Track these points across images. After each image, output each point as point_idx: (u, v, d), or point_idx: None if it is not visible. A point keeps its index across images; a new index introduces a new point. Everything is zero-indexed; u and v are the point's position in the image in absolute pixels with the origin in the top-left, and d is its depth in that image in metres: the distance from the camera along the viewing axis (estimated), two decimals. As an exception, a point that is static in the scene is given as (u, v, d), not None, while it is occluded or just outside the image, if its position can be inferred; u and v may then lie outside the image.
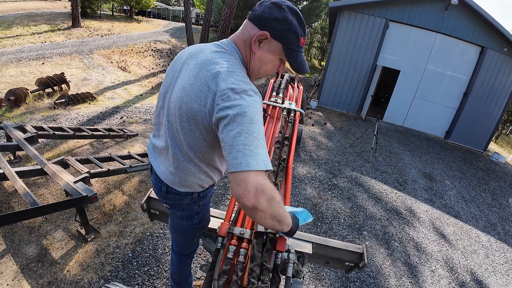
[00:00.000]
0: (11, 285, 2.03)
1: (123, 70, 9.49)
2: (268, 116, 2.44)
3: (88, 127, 4.04)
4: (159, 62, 11.50)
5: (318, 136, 6.82)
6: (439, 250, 3.62)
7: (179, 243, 1.46)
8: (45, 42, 10.43)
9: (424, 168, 6.43)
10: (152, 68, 10.61)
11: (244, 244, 1.18)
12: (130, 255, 2.42)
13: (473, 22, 8.24)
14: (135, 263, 2.35)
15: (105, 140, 4.38)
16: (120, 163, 3.31)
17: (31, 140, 3.19)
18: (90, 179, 2.75)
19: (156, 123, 1.15)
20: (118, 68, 9.52)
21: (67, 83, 6.45)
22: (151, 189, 1.68)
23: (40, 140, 3.70)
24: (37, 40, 10.53)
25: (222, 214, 1.66)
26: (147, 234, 2.68)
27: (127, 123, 5.28)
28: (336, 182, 4.68)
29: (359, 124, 8.65)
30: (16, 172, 2.50)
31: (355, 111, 9.70)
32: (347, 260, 1.63)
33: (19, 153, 3.48)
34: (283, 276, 1.12)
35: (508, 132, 24.66)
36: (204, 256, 2.55)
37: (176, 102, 0.95)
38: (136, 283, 2.18)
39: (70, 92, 6.29)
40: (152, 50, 12.83)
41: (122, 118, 5.48)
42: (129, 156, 3.62)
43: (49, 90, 6.12)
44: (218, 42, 1.01)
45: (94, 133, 3.93)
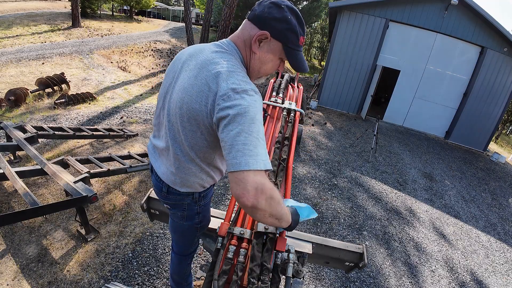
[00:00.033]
0: (11, 285, 2.03)
1: (123, 70, 9.49)
2: (268, 116, 2.44)
3: (88, 127, 4.04)
4: (159, 62, 11.50)
5: (318, 136, 6.82)
6: (439, 250, 3.62)
7: (179, 243, 1.46)
8: (45, 42, 10.43)
9: (424, 168, 6.43)
10: (152, 68, 10.61)
11: (244, 244, 1.18)
12: (130, 255, 2.42)
13: (473, 22, 8.24)
14: (135, 263, 2.35)
15: (105, 140, 4.38)
16: (120, 163, 3.31)
17: (31, 140, 3.19)
18: (90, 179, 2.75)
19: (156, 123, 1.15)
20: (118, 68, 9.52)
21: (67, 83, 6.46)
22: (151, 189, 1.68)
23: (40, 140, 3.70)
24: (37, 40, 10.53)
25: (222, 214, 1.66)
26: (147, 234, 2.68)
27: (127, 123, 5.28)
28: (336, 182, 4.68)
29: (359, 124, 8.65)
30: (16, 172, 2.50)
31: (355, 111, 9.70)
32: (347, 260, 1.63)
33: (19, 153, 3.49)
34: (283, 276, 1.12)
35: (508, 132, 24.66)
36: (204, 256, 2.55)
37: (176, 102, 0.95)
38: (136, 283, 2.18)
39: (70, 92, 6.29)
40: (152, 50, 12.83)
41: (122, 118, 5.48)
42: (129, 156, 3.62)
43: (49, 90, 6.12)
44: (217, 42, 1.01)
45: (94, 133, 3.93)
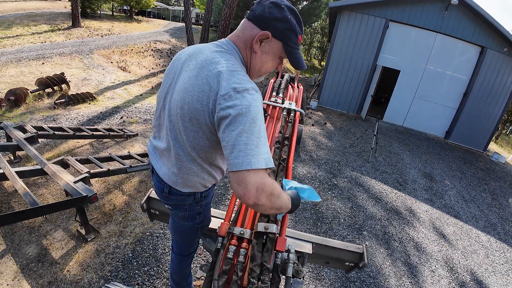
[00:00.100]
0: (11, 285, 2.03)
1: (123, 70, 9.49)
2: (268, 116, 2.44)
3: (88, 127, 4.04)
4: (159, 62, 11.50)
5: (318, 136, 6.82)
6: (439, 250, 3.62)
7: (179, 243, 1.46)
8: (45, 42, 10.43)
9: (424, 168, 6.43)
10: (152, 68, 10.60)
11: (244, 244, 1.18)
12: (130, 255, 2.42)
13: (473, 22, 8.24)
14: (135, 263, 2.35)
15: (105, 140, 4.38)
16: (120, 163, 3.31)
17: (31, 140, 3.19)
18: (90, 179, 2.75)
19: (157, 124, 1.15)
20: (118, 68, 9.52)
21: (67, 83, 6.45)
22: (151, 189, 1.68)
23: (40, 140, 3.70)
24: (37, 40, 10.53)
25: (222, 214, 1.66)
26: (147, 234, 2.68)
27: (127, 123, 5.28)
28: (336, 182, 4.68)
29: (359, 124, 8.65)
30: (16, 172, 2.50)
31: (355, 111, 9.70)
32: (347, 260, 1.63)
33: (19, 153, 3.49)
34: (283, 276, 1.12)
35: (508, 132, 24.66)
36: (204, 256, 2.55)
37: (177, 103, 0.95)
38: (136, 283, 2.18)
39: (70, 92, 6.29)
40: (152, 50, 12.83)
41: (122, 118, 5.48)
42: (129, 156, 3.62)
43: (49, 90, 6.12)
44: (217, 42, 1.01)
45: (94, 133, 3.93)
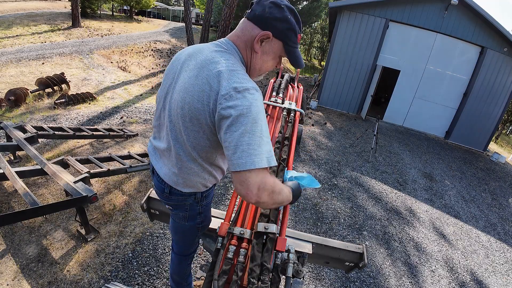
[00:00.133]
0: (11, 285, 2.03)
1: (123, 70, 9.49)
2: (268, 116, 2.44)
3: (88, 127, 4.04)
4: (159, 62, 11.50)
5: (318, 136, 6.82)
6: (439, 250, 3.62)
7: (179, 243, 1.46)
8: (45, 42, 10.43)
9: (424, 168, 6.43)
10: (152, 68, 10.60)
11: (244, 244, 1.18)
12: (130, 255, 2.42)
13: (473, 22, 8.24)
14: (135, 263, 2.35)
15: (105, 140, 4.38)
16: (120, 163, 3.31)
17: (31, 140, 3.19)
18: (90, 179, 2.75)
19: (157, 125, 1.15)
20: (118, 68, 9.52)
21: (67, 83, 6.45)
22: (151, 189, 1.68)
23: (40, 140, 3.70)
24: (37, 40, 10.53)
25: (222, 214, 1.66)
26: (147, 234, 2.68)
27: (127, 123, 5.28)
28: (336, 182, 4.68)
29: (359, 124, 8.65)
30: (16, 172, 2.50)
31: (355, 111, 9.70)
32: (347, 260, 1.63)
33: (19, 153, 3.49)
34: (283, 276, 1.12)
35: (508, 132, 24.66)
36: (204, 256, 2.55)
37: (178, 103, 0.95)
38: (136, 283, 2.18)
39: (70, 92, 6.29)
40: (152, 50, 12.83)
41: (122, 118, 5.48)
42: (129, 156, 3.62)
43: (49, 90, 6.12)
44: (216, 42, 1.02)
45: (94, 133, 3.93)
